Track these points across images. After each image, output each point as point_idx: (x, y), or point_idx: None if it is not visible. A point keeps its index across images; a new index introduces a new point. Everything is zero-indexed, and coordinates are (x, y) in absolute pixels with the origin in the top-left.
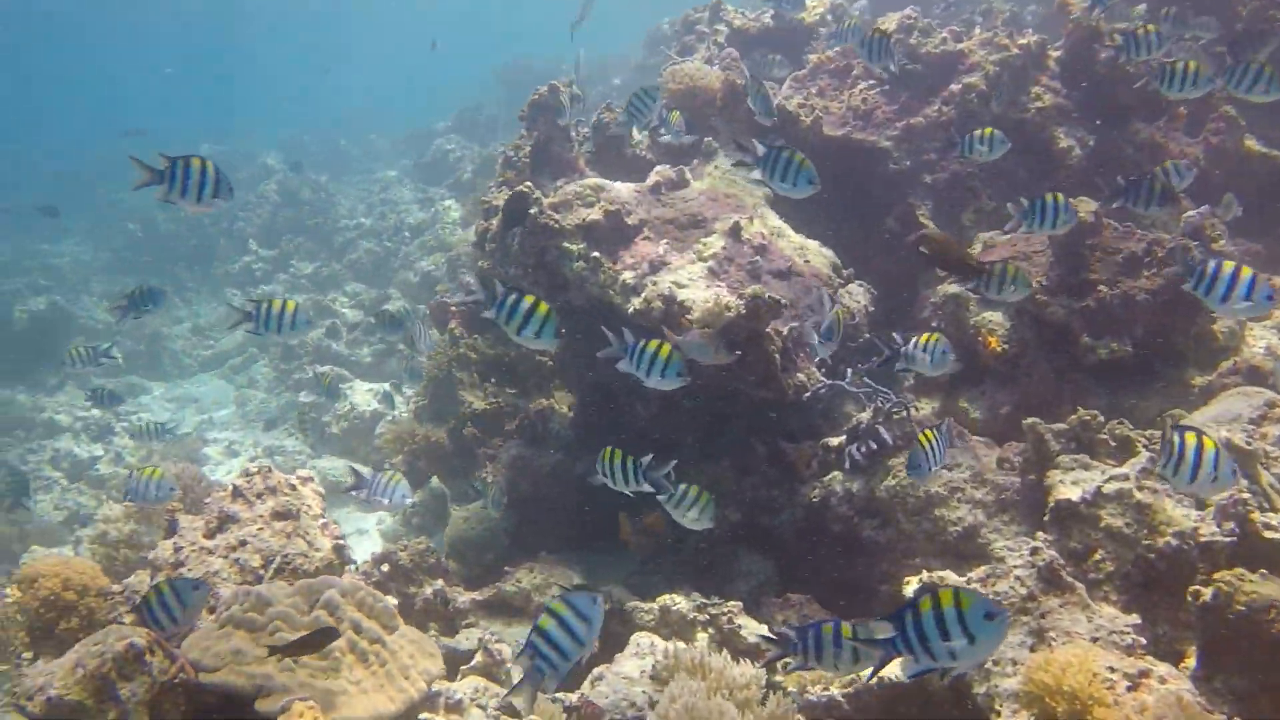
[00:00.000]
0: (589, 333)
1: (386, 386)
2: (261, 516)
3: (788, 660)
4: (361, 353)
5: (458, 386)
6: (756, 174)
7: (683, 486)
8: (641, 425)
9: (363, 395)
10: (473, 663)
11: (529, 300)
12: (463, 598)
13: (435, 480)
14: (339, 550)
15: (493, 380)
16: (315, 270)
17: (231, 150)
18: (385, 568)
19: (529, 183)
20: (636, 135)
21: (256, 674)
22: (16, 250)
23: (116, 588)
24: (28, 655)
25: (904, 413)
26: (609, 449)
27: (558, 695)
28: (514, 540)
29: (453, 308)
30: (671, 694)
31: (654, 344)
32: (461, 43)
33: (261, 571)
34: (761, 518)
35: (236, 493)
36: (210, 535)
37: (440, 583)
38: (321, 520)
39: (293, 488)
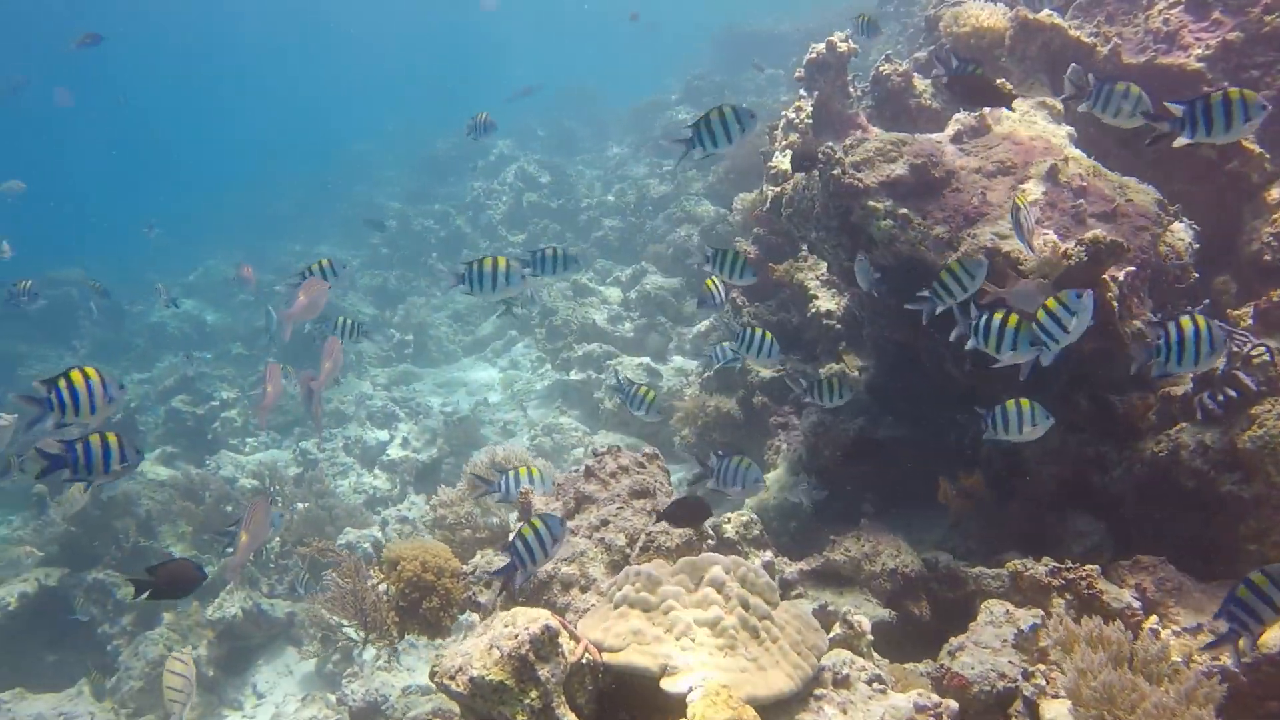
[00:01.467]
0: (895, 292)
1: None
2: (619, 496)
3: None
4: (624, 328)
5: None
6: (1084, 108)
7: None
8: (951, 385)
9: (633, 371)
10: (833, 634)
11: None
12: (789, 568)
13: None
14: (698, 530)
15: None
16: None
17: (464, 144)
18: (711, 541)
19: (829, 144)
20: (919, 85)
21: (659, 653)
22: (278, 249)
23: (467, 568)
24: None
25: (1266, 356)
26: None
27: (915, 665)
28: (816, 507)
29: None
30: (1079, 669)
31: (999, 315)
32: (666, 12)
33: (628, 550)
34: (1091, 475)
35: (589, 473)
36: (570, 515)
37: (769, 554)
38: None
39: (641, 465)
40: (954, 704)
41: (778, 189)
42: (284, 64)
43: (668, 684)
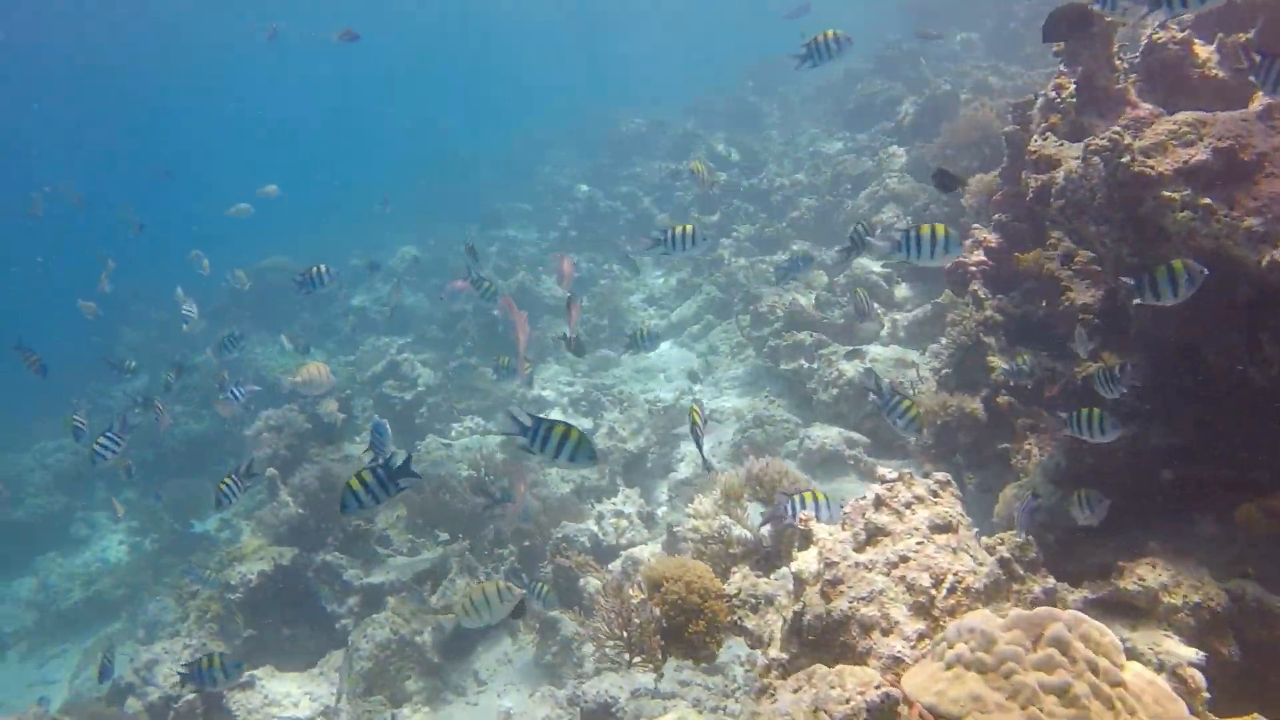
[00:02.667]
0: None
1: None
2: (918, 529)
3: None
4: (833, 315)
5: (985, 351)
6: None
7: None
8: (1240, 390)
9: (849, 363)
10: None
11: None
12: (1072, 596)
13: None
14: (1005, 565)
15: (1024, 344)
16: (757, 231)
17: (651, 122)
18: (1035, 590)
19: (1116, 129)
20: (1201, 53)
21: None
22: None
23: (729, 589)
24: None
25: None
26: None
27: None
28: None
29: (971, 266)
30: None
31: None
32: None
33: (933, 592)
34: None
35: (880, 502)
36: (860, 549)
37: (1051, 580)
38: (974, 530)
39: (935, 495)
40: None
41: (1044, 177)
42: (465, 51)
43: None
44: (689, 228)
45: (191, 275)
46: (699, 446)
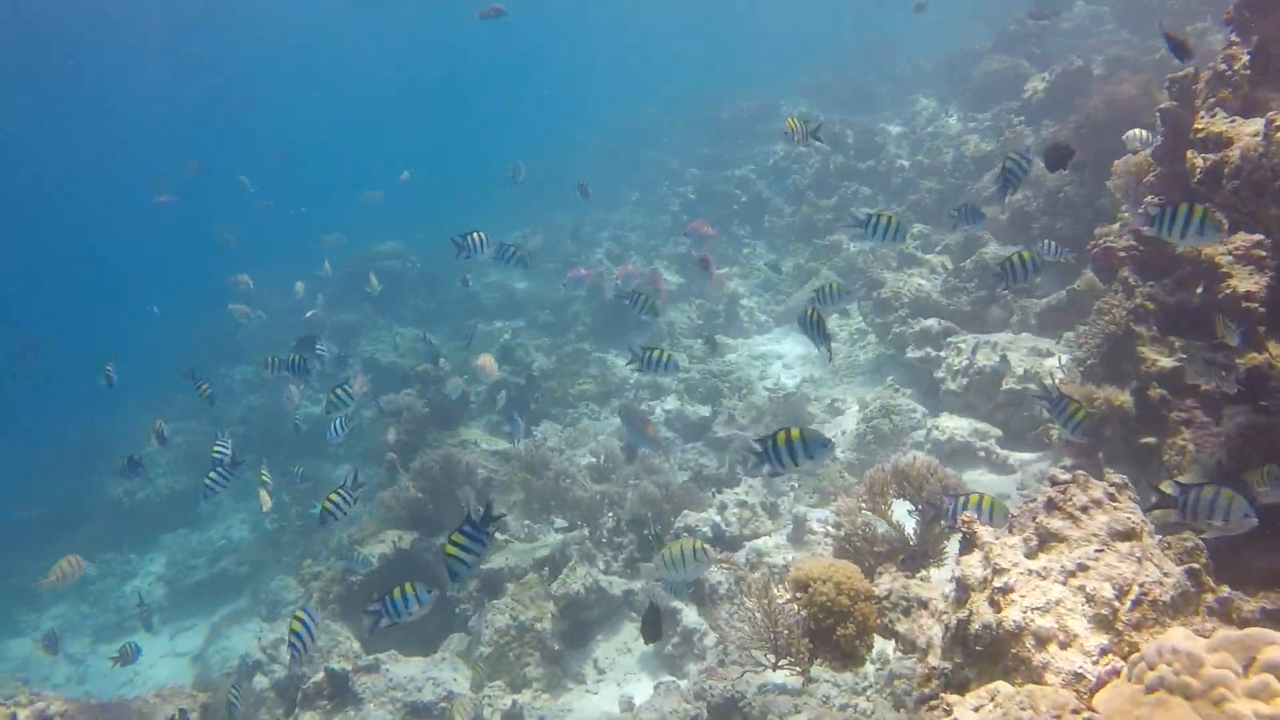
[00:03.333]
0: None
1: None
2: (1096, 535)
3: None
4: (959, 301)
5: (1136, 342)
6: None
7: None
8: None
9: (982, 351)
10: None
11: None
12: (1248, 606)
13: None
14: (1194, 577)
15: (1177, 334)
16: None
17: (763, 104)
18: (1211, 597)
19: None
20: None
21: None
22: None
23: (879, 591)
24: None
25: None
26: None
27: None
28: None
29: (1120, 251)
30: None
31: None
32: None
33: (1116, 604)
34: None
35: (1052, 505)
36: (1033, 555)
37: (1225, 589)
38: (1157, 537)
39: (1113, 498)
40: None
41: (1214, 156)
42: (566, 35)
43: None
44: (893, 219)
45: (308, 260)
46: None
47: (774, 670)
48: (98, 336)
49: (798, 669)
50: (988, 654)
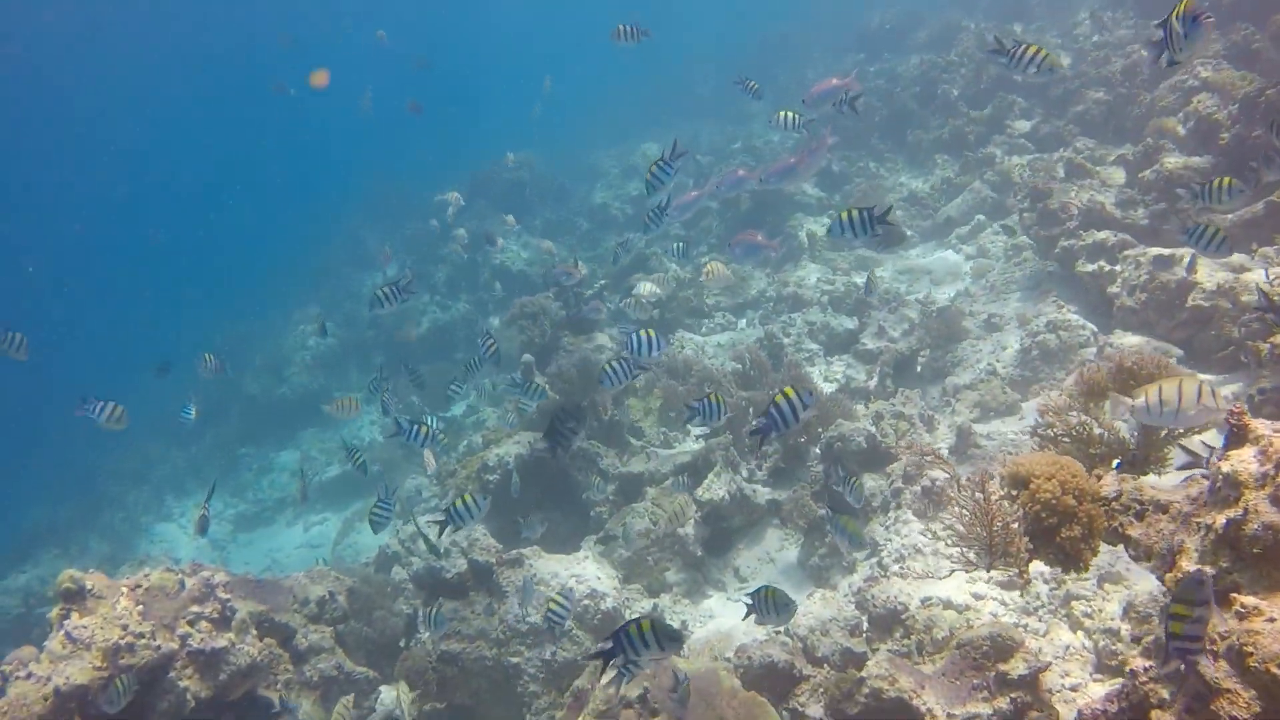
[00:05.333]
0: None
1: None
2: None
3: None
4: (1135, 214)
5: None
6: None
7: None
8: None
9: (1164, 266)
10: None
11: None
12: None
13: None
14: None
15: None
16: (1034, 127)
17: (906, 12)
18: None
19: None
20: None
21: None
22: (704, 130)
23: (1107, 493)
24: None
25: None
26: None
27: None
28: None
29: None
30: None
31: None
32: None
33: None
34: None
35: None
36: None
37: None
38: None
39: None
40: None
41: None
42: None
43: None
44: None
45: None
46: None
47: (987, 571)
48: (242, 245)
49: (1014, 570)
50: (1268, 557)
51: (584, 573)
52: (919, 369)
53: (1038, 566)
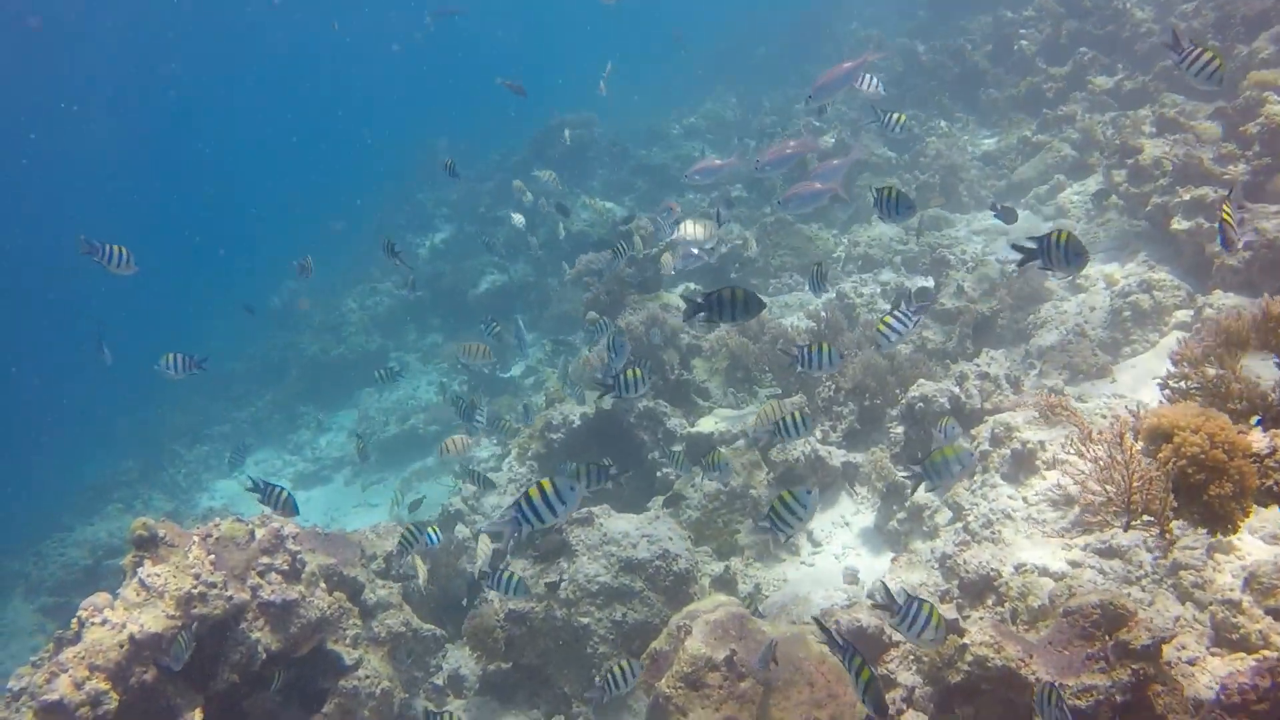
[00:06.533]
0: None
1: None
2: None
3: None
4: (1236, 169)
5: None
6: None
7: None
8: None
9: (1273, 221)
10: None
11: None
12: None
13: None
14: None
15: None
16: (1116, 85)
17: None
18: None
19: None
20: None
21: None
22: (767, 93)
23: (1260, 448)
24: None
25: None
26: None
27: None
28: None
29: None
30: None
31: None
32: None
33: None
34: None
35: None
36: None
37: None
38: None
39: None
40: None
41: None
42: None
43: None
44: None
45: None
46: None
47: (1125, 531)
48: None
49: (1155, 528)
50: None
51: (656, 532)
52: (999, 330)
53: (1136, 535)
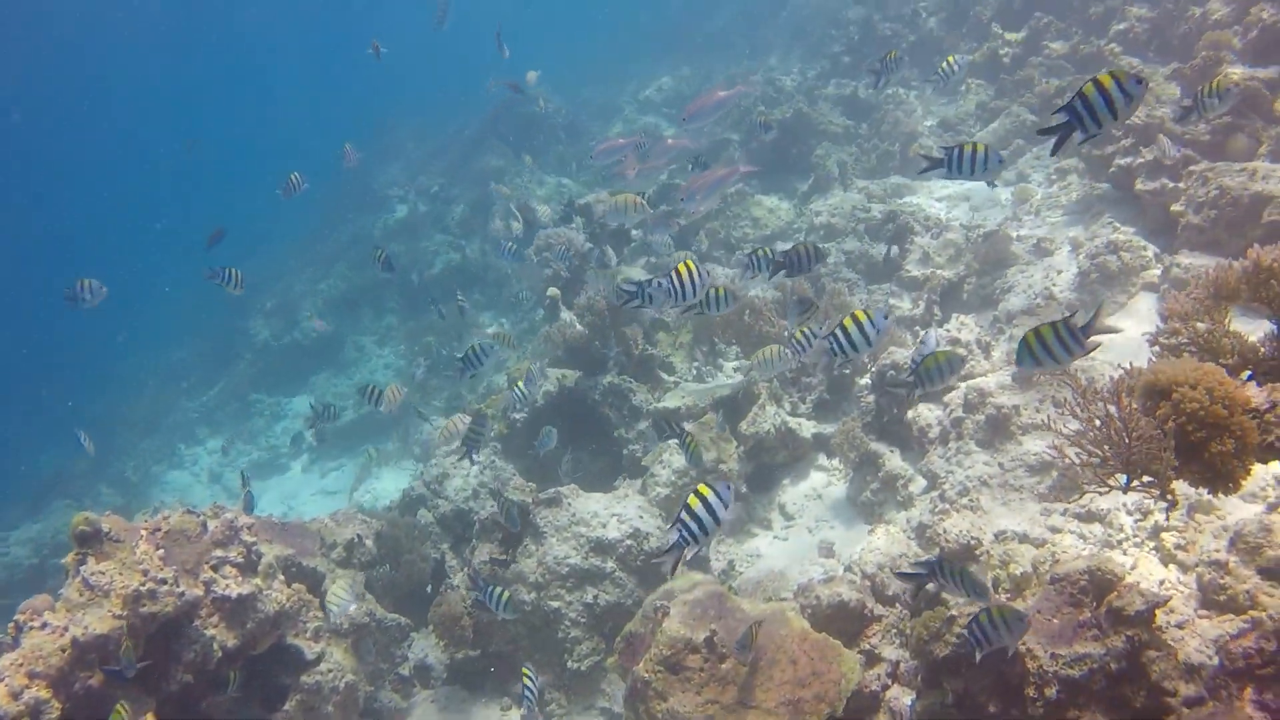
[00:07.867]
0: None
1: None
2: None
3: None
4: (1197, 130)
5: None
6: None
7: None
8: None
9: (1235, 178)
10: None
11: None
12: None
13: None
14: None
15: None
16: (1072, 48)
17: None
18: None
19: None
20: None
21: None
22: (721, 64)
23: (1259, 403)
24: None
25: None
26: None
27: None
28: None
29: None
30: None
31: None
32: None
33: None
34: None
35: None
36: None
37: None
38: None
39: None
40: None
41: None
42: None
43: None
44: None
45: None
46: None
47: (1124, 492)
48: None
49: (1156, 489)
50: None
51: (625, 511)
52: (965, 296)
53: (1116, 498)
